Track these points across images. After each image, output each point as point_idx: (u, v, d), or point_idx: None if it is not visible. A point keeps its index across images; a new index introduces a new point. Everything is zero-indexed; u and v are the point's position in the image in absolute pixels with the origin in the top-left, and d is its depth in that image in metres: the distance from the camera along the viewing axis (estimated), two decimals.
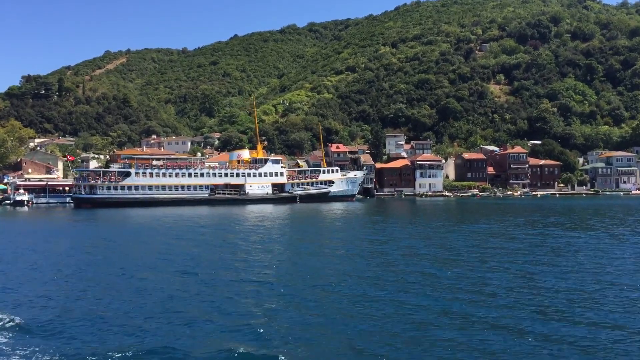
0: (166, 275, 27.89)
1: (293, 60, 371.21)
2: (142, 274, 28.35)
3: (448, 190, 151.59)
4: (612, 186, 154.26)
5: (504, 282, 25.04)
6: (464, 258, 32.49)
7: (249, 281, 25.83)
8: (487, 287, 23.96)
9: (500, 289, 23.52)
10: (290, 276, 27.15)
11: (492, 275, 26.79)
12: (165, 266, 30.74)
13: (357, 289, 23.80)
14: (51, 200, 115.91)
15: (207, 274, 27.65)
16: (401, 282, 25.06)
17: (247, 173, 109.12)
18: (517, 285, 24.22)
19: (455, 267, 29.08)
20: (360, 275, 27.02)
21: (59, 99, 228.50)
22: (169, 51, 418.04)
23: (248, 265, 30.69)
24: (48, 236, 49.88)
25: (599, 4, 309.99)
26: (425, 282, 25.18)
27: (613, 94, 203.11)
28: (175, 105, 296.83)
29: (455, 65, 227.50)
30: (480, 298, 21.89)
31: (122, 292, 24.20)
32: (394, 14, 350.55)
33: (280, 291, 23.54)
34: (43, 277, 28.35)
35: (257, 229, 54.10)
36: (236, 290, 23.91)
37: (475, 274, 27.17)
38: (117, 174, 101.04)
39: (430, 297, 22.20)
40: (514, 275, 26.78)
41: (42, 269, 31.18)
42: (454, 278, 26.00)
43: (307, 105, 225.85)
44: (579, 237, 42.94)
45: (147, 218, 72.65)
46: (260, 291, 23.67)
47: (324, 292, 23.29)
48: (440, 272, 27.66)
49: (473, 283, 24.75)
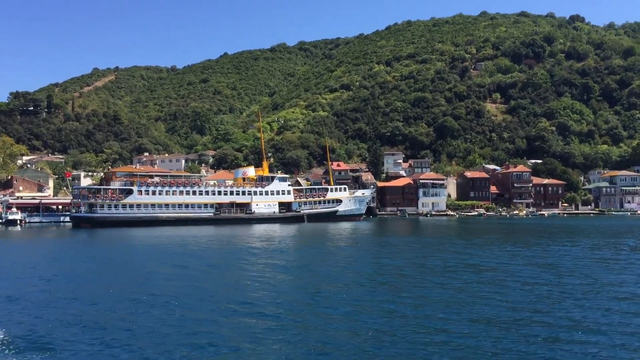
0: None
1: (284, 78, 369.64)
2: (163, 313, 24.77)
3: (452, 210, 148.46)
4: (617, 206, 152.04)
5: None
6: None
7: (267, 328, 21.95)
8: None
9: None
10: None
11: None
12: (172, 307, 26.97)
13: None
14: (44, 219, 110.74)
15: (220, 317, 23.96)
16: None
17: (253, 191, 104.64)
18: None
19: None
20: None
21: (48, 116, 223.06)
22: (158, 69, 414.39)
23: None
24: (58, 267, 43.13)
25: (588, 25, 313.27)
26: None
27: (610, 114, 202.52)
28: (166, 123, 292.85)
29: (451, 84, 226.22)
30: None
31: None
32: (385, 33, 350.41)
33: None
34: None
35: (271, 256, 48.92)
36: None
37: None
38: (119, 192, 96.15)
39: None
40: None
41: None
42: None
43: (302, 122, 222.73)
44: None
45: (152, 240, 68.15)
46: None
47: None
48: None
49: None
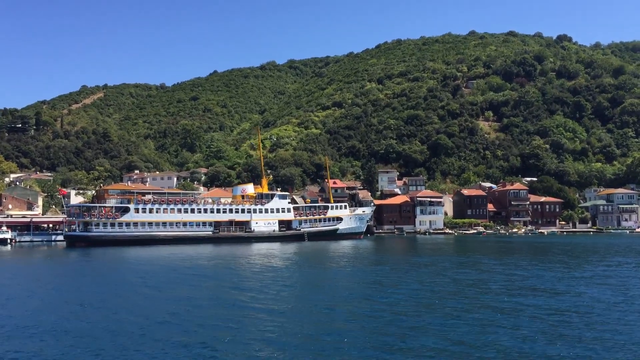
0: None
1: (274, 96, 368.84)
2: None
3: (449, 228, 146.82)
4: (614, 224, 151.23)
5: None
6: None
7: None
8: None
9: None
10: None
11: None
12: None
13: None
14: (35, 238, 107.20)
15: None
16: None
17: (252, 209, 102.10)
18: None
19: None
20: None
21: (37, 133, 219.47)
22: (147, 86, 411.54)
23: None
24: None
25: (575, 44, 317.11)
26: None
27: (603, 132, 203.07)
28: (155, 141, 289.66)
29: (444, 102, 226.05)
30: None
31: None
32: (375, 52, 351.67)
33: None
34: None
35: (277, 281, 46.53)
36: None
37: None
38: (115, 210, 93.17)
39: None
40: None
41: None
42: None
43: (295, 140, 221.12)
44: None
45: (152, 260, 65.40)
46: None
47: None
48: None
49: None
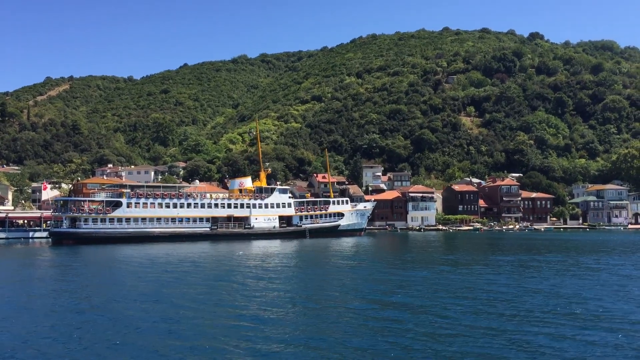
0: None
1: (247, 90, 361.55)
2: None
3: (441, 224, 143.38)
4: (605, 220, 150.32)
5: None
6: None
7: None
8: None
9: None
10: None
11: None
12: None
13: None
14: (11, 235, 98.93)
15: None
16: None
17: (252, 204, 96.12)
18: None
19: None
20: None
21: (2, 125, 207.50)
22: (115, 79, 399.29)
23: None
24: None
25: (547, 42, 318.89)
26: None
27: (585, 128, 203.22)
28: (125, 134, 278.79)
29: (426, 96, 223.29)
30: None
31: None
32: (351, 46, 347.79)
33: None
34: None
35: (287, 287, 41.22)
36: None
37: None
38: (105, 204, 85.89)
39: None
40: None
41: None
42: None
43: (275, 134, 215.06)
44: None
45: (152, 260, 58.90)
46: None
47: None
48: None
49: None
